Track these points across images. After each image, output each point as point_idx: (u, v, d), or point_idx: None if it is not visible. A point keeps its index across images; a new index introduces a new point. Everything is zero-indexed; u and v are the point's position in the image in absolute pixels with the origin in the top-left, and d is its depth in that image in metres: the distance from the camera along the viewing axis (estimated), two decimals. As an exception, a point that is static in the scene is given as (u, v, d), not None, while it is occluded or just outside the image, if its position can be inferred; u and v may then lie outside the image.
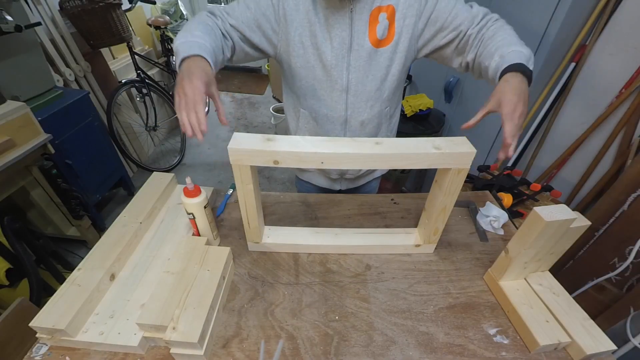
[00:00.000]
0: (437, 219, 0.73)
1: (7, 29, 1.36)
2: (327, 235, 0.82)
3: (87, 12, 1.91)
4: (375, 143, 0.61)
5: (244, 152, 0.59)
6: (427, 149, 0.60)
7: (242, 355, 0.60)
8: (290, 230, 0.84)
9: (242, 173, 0.63)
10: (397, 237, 0.83)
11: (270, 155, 0.59)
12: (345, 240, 0.81)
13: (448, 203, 0.70)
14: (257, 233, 0.76)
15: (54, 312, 0.59)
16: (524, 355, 0.62)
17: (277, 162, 0.60)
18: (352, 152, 0.59)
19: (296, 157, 0.60)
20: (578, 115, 1.66)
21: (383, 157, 0.60)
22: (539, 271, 0.73)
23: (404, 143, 0.62)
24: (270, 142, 0.60)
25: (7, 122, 1.29)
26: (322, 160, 0.60)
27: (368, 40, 0.78)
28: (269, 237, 0.81)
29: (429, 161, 0.61)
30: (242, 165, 0.62)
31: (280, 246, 0.81)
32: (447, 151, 0.60)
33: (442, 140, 0.63)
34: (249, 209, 0.70)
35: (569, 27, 1.40)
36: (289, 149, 0.59)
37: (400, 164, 0.62)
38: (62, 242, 1.86)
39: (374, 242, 0.81)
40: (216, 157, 2.89)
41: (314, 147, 0.59)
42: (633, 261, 1.09)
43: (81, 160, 1.78)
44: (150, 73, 2.57)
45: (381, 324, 0.67)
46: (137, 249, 0.77)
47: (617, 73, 1.47)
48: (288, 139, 0.61)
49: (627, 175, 1.21)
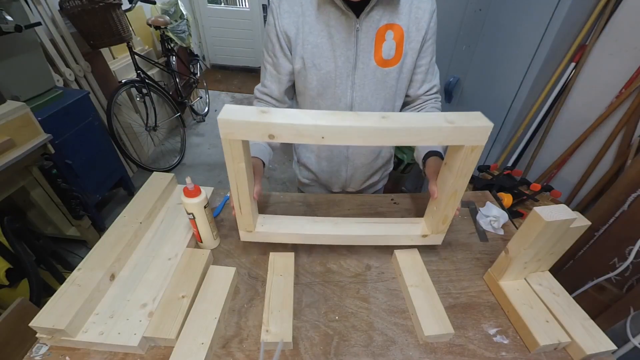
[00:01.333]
0: (446, 205, 0.66)
1: (7, 29, 1.36)
2: (326, 225, 0.75)
3: (87, 12, 1.91)
4: (382, 117, 0.55)
5: (236, 124, 0.53)
6: (438, 122, 0.54)
7: (242, 355, 0.60)
8: (287, 219, 0.76)
9: (233, 149, 0.56)
10: (402, 226, 0.76)
11: (265, 127, 0.53)
12: (345, 229, 0.74)
13: (459, 187, 0.63)
14: (250, 220, 0.69)
15: (54, 312, 0.59)
16: (523, 355, 0.62)
17: (272, 137, 0.54)
18: (356, 125, 0.53)
19: (294, 131, 0.53)
20: (578, 115, 1.67)
21: (390, 131, 0.54)
22: (539, 271, 0.73)
23: (413, 117, 0.57)
24: (265, 114, 0.54)
25: (7, 122, 1.29)
26: (323, 134, 0.53)
27: (373, 60, 0.77)
28: (263, 226, 0.73)
29: (440, 136, 0.55)
30: (234, 140, 0.55)
31: (276, 236, 0.73)
32: (460, 125, 0.54)
33: (454, 114, 0.57)
34: (241, 191, 0.63)
35: (569, 27, 1.40)
36: (285, 121, 0.53)
37: (409, 140, 0.56)
38: (62, 242, 1.86)
39: (377, 231, 0.74)
40: (216, 157, 2.89)
41: (313, 119, 0.53)
42: (633, 261, 1.09)
43: (81, 160, 1.79)
44: (150, 73, 2.58)
45: (381, 324, 0.67)
46: (137, 249, 0.77)
47: (617, 73, 1.47)
48: (285, 111, 0.55)
49: (627, 175, 1.21)
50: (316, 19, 0.75)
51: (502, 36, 1.55)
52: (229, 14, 4.24)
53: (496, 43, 1.60)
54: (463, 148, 0.57)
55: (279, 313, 0.64)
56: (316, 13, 0.74)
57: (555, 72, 1.59)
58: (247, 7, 4.18)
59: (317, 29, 0.75)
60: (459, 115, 0.56)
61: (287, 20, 0.75)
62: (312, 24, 0.75)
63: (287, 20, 0.75)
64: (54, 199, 1.65)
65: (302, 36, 0.76)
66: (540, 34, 1.37)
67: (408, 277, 0.72)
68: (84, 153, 1.83)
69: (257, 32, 4.27)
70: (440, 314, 0.65)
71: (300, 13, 0.75)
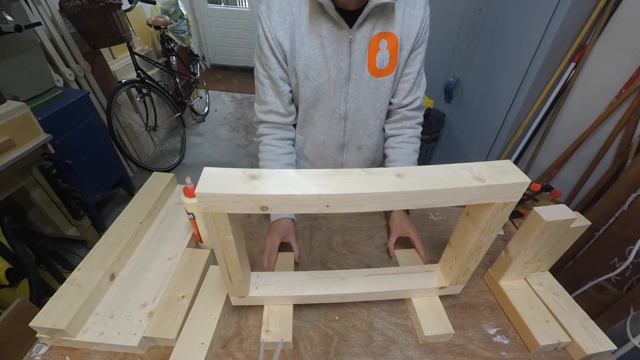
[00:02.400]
0: (469, 259, 0.59)
1: (7, 29, 1.36)
2: (330, 282, 0.66)
3: (87, 12, 1.91)
4: (397, 175, 0.46)
5: (219, 198, 0.43)
6: (465, 181, 0.45)
7: (242, 355, 0.60)
8: (284, 277, 0.68)
9: (217, 222, 0.46)
10: (417, 279, 0.68)
11: (255, 200, 0.43)
12: (352, 287, 0.65)
13: (485, 242, 0.55)
14: (242, 287, 0.60)
15: (54, 312, 0.59)
16: (523, 355, 0.62)
17: (265, 209, 0.44)
18: (367, 192, 0.44)
19: (292, 202, 0.44)
20: (578, 115, 1.67)
21: (408, 195, 0.45)
22: (539, 271, 0.73)
23: (434, 174, 0.47)
24: (255, 180, 0.44)
25: (7, 122, 1.29)
26: (328, 203, 0.44)
27: (367, 70, 0.76)
28: (257, 288, 0.64)
29: (468, 197, 0.46)
30: (217, 214, 0.45)
31: (272, 299, 0.65)
32: (492, 183, 0.45)
33: (481, 166, 0.48)
34: (229, 261, 0.54)
35: (569, 27, 1.40)
36: (281, 192, 0.43)
37: (431, 202, 0.47)
38: (62, 242, 1.86)
39: (389, 287, 0.66)
40: (216, 157, 2.89)
41: (315, 186, 0.44)
42: (633, 261, 1.09)
43: (81, 160, 1.78)
44: (150, 73, 2.57)
45: (381, 324, 0.67)
46: (137, 249, 0.77)
47: (617, 73, 1.47)
48: (278, 174, 0.45)
49: (627, 175, 1.21)
50: (308, 30, 0.71)
51: (502, 36, 1.55)
52: (229, 14, 4.24)
53: (496, 43, 1.60)
54: (494, 205, 0.49)
55: (279, 313, 0.64)
56: (308, 23, 0.71)
57: (555, 72, 1.59)
58: (247, 7, 4.17)
59: (309, 39, 0.72)
60: (486, 167, 0.48)
61: (281, 32, 0.71)
62: (304, 35, 0.72)
63: (281, 33, 0.71)
64: (54, 199, 1.64)
65: (295, 48, 0.73)
66: (540, 34, 1.37)
67: None
68: (84, 153, 1.82)
69: (257, 32, 4.27)
70: (440, 314, 0.65)
71: (292, 23, 0.71)
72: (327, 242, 0.84)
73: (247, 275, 0.64)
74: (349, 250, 0.83)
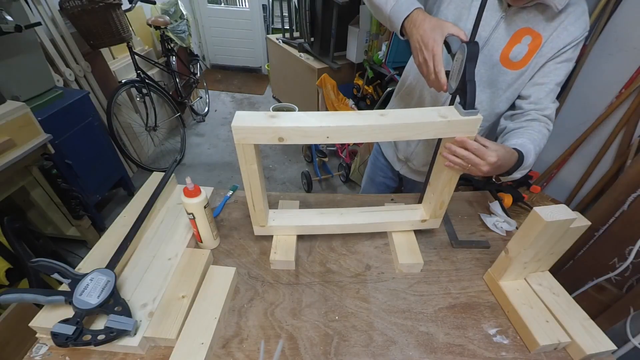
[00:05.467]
0: (442, 191, 0.73)
1: (7, 29, 1.36)
2: (332, 216, 0.82)
3: (87, 12, 1.91)
4: (380, 115, 0.60)
5: (248, 129, 0.58)
6: (432, 118, 0.60)
7: (242, 355, 0.60)
8: (295, 212, 0.84)
9: (245, 153, 0.62)
10: (403, 213, 0.83)
11: (274, 131, 0.58)
12: (351, 219, 0.81)
13: (453, 174, 0.69)
14: (263, 216, 0.76)
15: (54, 312, 0.59)
16: (523, 355, 0.62)
17: (282, 139, 0.59)
18: (357, 125, 0.59)
19: (301, 132, 0.59)
20: (578, 115, 1.67)
21: (388, 127, 0.59)
22: (539, 271, 0.73)
23: (409, 113, 0.62)
24: (274, 118, 0.59)
25: (7, 122, 1.29)
26: (327, 134, 0.59)
27: (499, 54, 0.74)
28: (274, 220, 0.80)
29: (434, 130, 0.61)
30: (246, 144, 0.60)
31: (286, 229, 0.81)
32: (453, 119, 0.60)
33: (446, 109, 0.63)
34: (254, 190, 0.69)
35: (569, 27, 1.40)
36: (293, 125, 0.58)
37: (406, 135, 0.61)
38: (62, 242, 1.86)
39: (380, 219, 0.81)
40: (216, 157, 2.89)
41: (318, 121, 0.59)
42: (633, 261, 1.09)
43: (81, 160, 1.78)
44: (150, 73, 2.57)
45: (381, 324, 0.67)
46: (137, 249, 0.77)
47: (617, 73, 1.47)
48: (291, 114, 0.61)
49: (627, 175, 1.21)
50: None
51: (502, 36, 1.55)
52: (229, 14, 4.24)
53: (496, 43, 1.59)
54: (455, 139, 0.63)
55: (285, 241, 0.78)
56: None
57: (555, 72, 1.59)
58: (247, 7, 4.17)
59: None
60: (450, 109, 0.63)
61: None
62: None
63: None
64: (54, 199, 1.64)
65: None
66: (540, 34, 1.37)
67: None
68: (84, 153, 1.82)
69: (257, 32, 4.26)
70: (413, 247, 0.79)
71: None
72: (327, 243, 0.85)
73: (266, 208, 0.80)
74: (349, 250, 0.83)
